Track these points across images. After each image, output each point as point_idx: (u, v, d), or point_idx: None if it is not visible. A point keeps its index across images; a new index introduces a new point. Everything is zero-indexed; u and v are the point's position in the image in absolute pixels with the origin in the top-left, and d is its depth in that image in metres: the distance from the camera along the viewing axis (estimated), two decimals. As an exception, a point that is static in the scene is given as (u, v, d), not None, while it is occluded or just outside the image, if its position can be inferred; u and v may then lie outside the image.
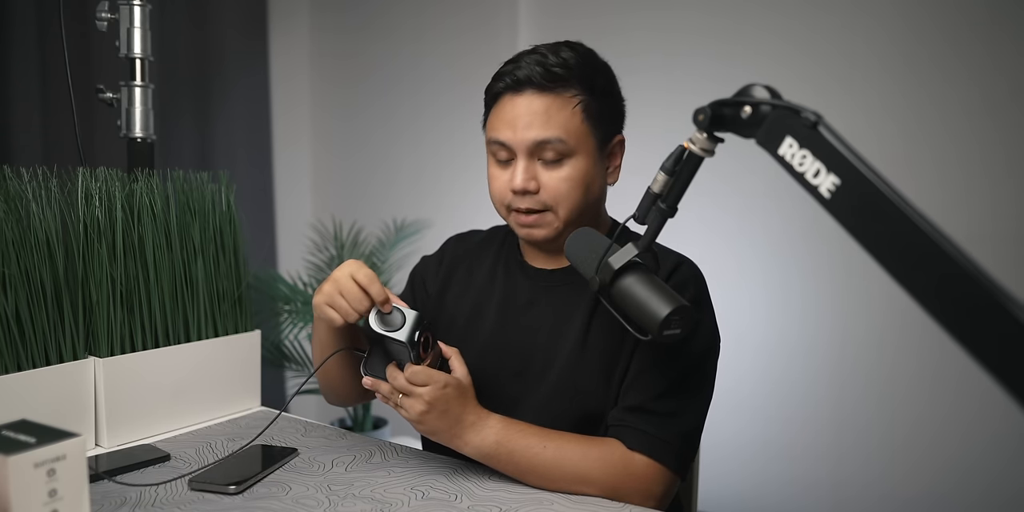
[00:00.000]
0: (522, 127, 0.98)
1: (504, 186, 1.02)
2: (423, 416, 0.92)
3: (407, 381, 0.92)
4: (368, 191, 2.92)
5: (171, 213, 1.20)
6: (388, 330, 0.93)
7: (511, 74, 0.99)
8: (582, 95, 0.99)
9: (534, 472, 0.94)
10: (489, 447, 0.94)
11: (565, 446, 0.95)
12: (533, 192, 1.00)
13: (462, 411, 0.94)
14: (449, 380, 0.93)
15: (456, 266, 1.18)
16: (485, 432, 0.94)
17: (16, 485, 0.65)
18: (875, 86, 1.93)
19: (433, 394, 0.91)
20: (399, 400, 0.94)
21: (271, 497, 0.93)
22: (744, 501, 2.15)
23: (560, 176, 0.99)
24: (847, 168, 0.62)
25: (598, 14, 2.32)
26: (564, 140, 0.98)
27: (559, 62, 0.98)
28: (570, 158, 0.99)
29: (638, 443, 0.95)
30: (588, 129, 1.00)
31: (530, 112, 0.98)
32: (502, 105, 1.01)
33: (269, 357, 2.33)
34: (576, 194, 1.00)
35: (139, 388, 1.16)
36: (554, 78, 0.98)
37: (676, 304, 0.82)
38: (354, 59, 2.91)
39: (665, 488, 0.96)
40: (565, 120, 0.98)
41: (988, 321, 0.53)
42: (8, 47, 2.06)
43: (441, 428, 0.94)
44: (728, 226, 2.15)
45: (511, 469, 0.95)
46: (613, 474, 0.94)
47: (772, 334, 2.12)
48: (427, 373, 0.92)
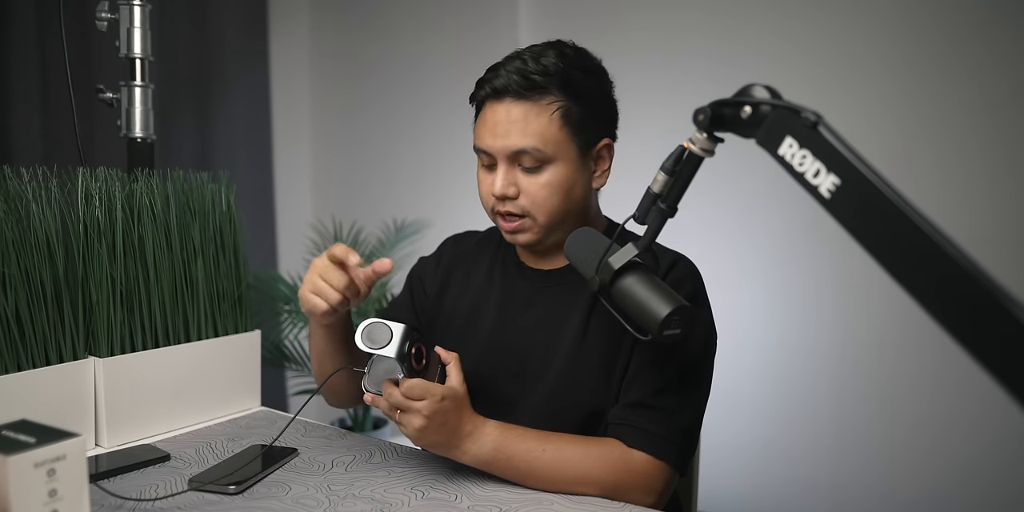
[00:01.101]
0: (500, 135, 0.99)
1: (488, 190, 1.03)
2: (421, 432, 0.90)
3: (403, 396, 0.90)
4: (368, 191, 2.91)
5: (171, 213, 1.20)
6: (376, 347, 0.90)
7: (490, 82, 1.00)
8: (562, 101, 0.99)
9: (534, 475, 0.94)
10: (487, 454, 0.93)
11: (564, 447, 0.95)
12: (512, 198, 1.01)
13: (459, 422, 0.92)
14: (446, 392, 0.91)
15: (454, 266, 1.18)
16: (483, 440, 0.93)
17: (16, 485, 0.65)
18: (875, 86, 1.93)
19: (431, 408, 0.89)
20: (397, 416, 0.92)
21: (271, 497, 0.93)
22: (744, 502, 2.14)
23: (539, 182, 1.00)
24: (847, 168, 0.62)
25: (598, 14, 2.32)
26: (540, 149, 0.98)
27: (539, 69, 0.98)
28: (549, 164, 1.00)
29: (637, 440, 0.96)
30: (567, 135, 1.00)
31: (508, 120, 0.99)
32: (484, 112, 1.02)
33: (269, 357, 2.33)
34: (554, 200, 1.00)
35: (139, 388, 1.16)
36: (532, 86, 0.98)
37: (676, 304, 0.82)
38: (354, 59, 2.91)
39: (665, 484, 0.96)
40: (542, 128, 0.98)
41: (988, 322, 0.53)
42: (8, 47, 2.06)
43: (439, 441, 0.92)
44: (728, 226, 2.15)
45: (511, 474, 0.95)
46: (613, 472, 0.94)
47: (772, 334, 2.12)
48: (423, 387, 0.89)
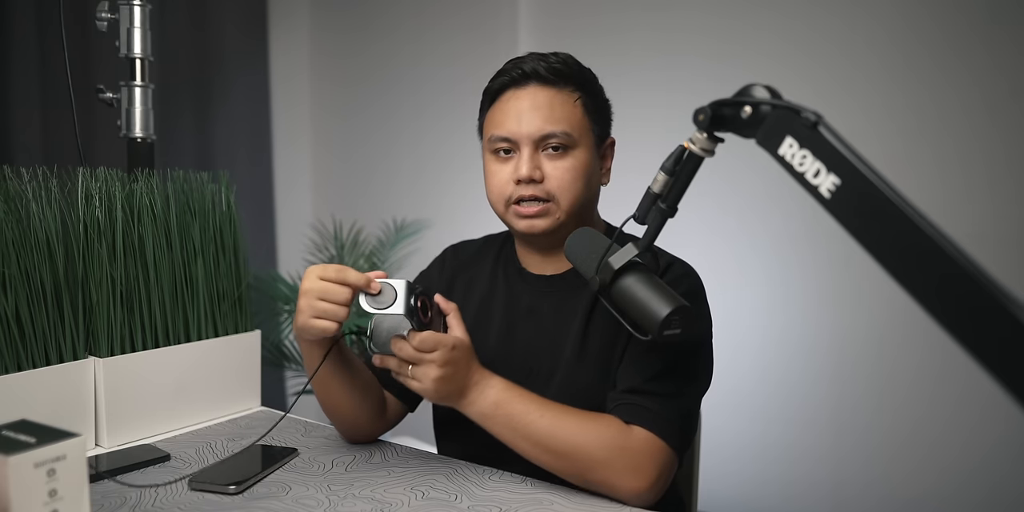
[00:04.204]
0: (527, 119, 1.01)
1: (505, 180, 1.02)
2: (438, 382, 0.91)
3: (415, 349, 0.90)
4: (368, 191, 2.91)
5: (171, 213, 1.20)
6: (383, 307, 0.90)
7: (515, 69, 1.03)
8: (580, 92, 1.03)
9: (528, 439, 0.93)
10: (488, 408, 0.94)
11: (562, 415, 0.94)
12: (538, 181, 1.01)
13: (468, 371, 0.94)
14: (455, 342, 0.92)
15: (457, 275, 1.18)
16: (487, 392, 0.94)
17: (16, 485, 0.65)
18: (875, 86, 1.93)
19: (444, 357, 0.90)
20: (410, 371, 0.92)
21: (271, 497, 0.93)
22: (744, 502, 2.14)
23: (564, 166, 1.01)
24: (847, 168, 0.62)
25: (598, 14, 2.32)
26: (569, 133, 1.01)
27: (559, 60, 1.03)
28: (573, 149, 1.02)
29: (638, 416, 0.94)
30: (588, 124, 1.04)
31: (534, 105, 1.01)
32: (504, 99, 1.04)
33: (269, 357, 2.33)
34: (578, 185, 1.02)
35: (139, 388, 1.16)
36: (557, 73, 1.02)
37: (676, 304, 0.82)
38: (354, 59, 2.90)
39: (661, 468, 0.92)
40: (568, 113, 1.01)
41: (988, 321, 0.53)
42: (8, 47, 2.06)
43: (453, 391, 0.93)
44: (728, 226, 2.14)
45: (507, 433, 0.94)
46: (608, 447, 0.92)
47: (772, 334, 2.12)
48: (435, 338, 0.90)
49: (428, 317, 0.93)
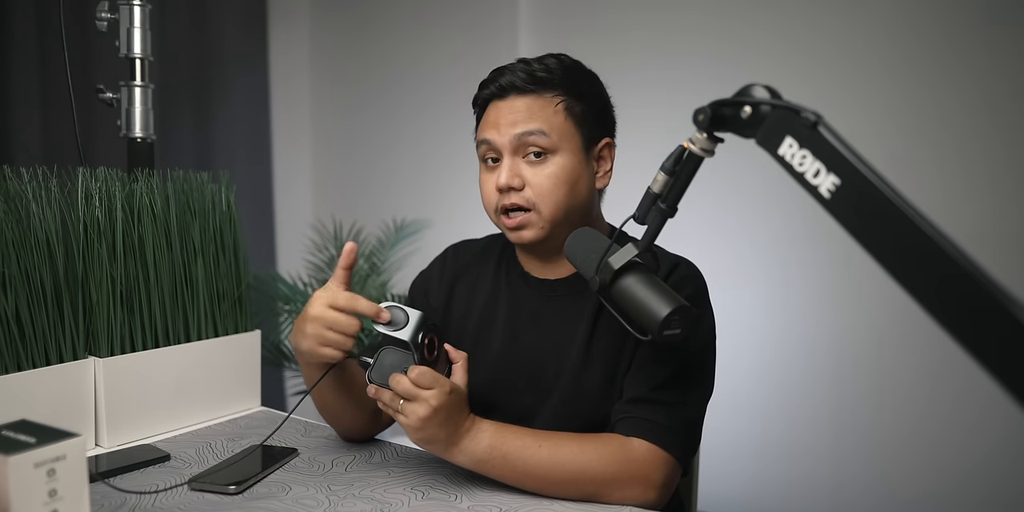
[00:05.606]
0: (505, 125, 1.00)
1: (491, 189, 1.02)
2: (425, 422, 0.86)
3: (412, 384, 0.86)
4: (368, 191, 2.91)
5: (171, 213, 1.20)
6: (392, 329, 0.90)
7: (495, 82, 1.03)
8: (565, 96, 1.02)
9: (531, 474, 0.92)
10: (483, 452, 0.91)
11: (560, 443, 0.93)
12: (518, 189, 1.00)
13: (460, 419, 0.91)
14: (454, 386, 0.89)
15: (459, 277, 1.16)
16: (479, 437, 0.91)
17: (16, 485, 0.65)
18: (875, 86, 1.93)
19: (439, 399, 0.86)
20: (400, 406, 0.88)
21: (271, 497, 0.93)
22: (744, 502, 2.14)
23: (545, 173, 1.00)
24: (847, 168, 0.62)
25: (598, 14, 2.32)
26: (545, 132, 0.99)
27: (542, 68, 1.02)
28: (554, 155, 1.00)
29: (637, 429, 0.94)
30: (572, 127, 1.02)
31: (512, 112, 1.01)
32: (488, 111, 1.04)
33: (269, 357, 2.33)
34: (560, 192, 1.00)
35: (139, 388, 1.16)
36: (536, 81, 1.01)
37: (676, 304, 0.82)
38: (354, 59, 2.90)
39: (666, 478, 0.93)
40: (548, 116, 1.00)
41: (988, 321, 0.53)
42: (8, 47, 2.06)
43: (439, 436, 0.89)
44: (728, 226, 2.15)
45: (508, 473, 0.92)
46: (612, 463, 0.92)
47: (772, 334, 2.12)
48: (434, 375, 0.87)
49: (434, 355, 0.92)
